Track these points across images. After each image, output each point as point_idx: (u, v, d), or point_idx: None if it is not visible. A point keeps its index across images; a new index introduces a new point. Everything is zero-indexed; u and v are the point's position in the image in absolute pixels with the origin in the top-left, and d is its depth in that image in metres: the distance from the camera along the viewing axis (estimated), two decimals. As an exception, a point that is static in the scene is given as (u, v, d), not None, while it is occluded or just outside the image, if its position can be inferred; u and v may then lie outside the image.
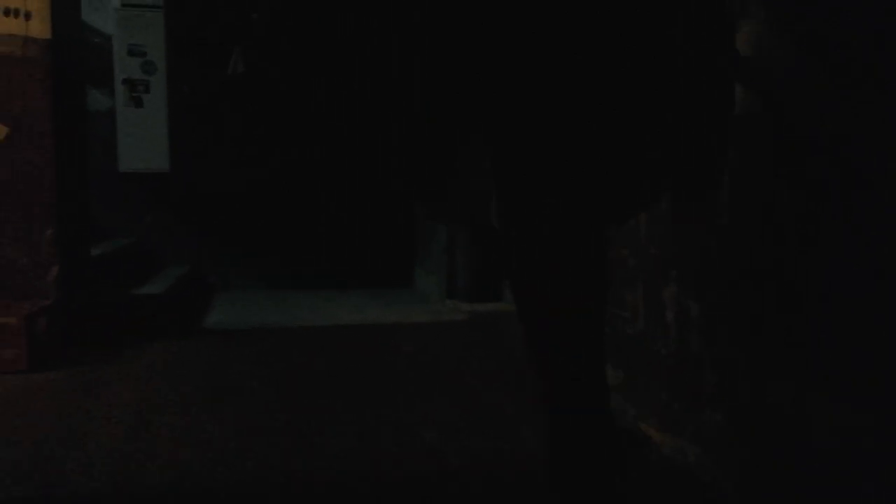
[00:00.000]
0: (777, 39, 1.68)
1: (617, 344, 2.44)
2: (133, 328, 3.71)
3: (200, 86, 5.21)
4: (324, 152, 5.31)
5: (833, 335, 1.49)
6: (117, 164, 5.21)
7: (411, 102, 1.60)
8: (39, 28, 3.28)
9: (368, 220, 5.47)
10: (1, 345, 2.96)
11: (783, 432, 1.64)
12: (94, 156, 5.25)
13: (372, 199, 5.41)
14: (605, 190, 1.49)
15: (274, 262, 5.60)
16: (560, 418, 1.53)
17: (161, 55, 5.14)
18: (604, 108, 1.45)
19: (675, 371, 2.10)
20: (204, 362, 3.24)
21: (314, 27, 1.87)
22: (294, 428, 2.39)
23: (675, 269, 2.11)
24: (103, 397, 2.72)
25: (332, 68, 1.84)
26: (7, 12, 3.25)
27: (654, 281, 2.23)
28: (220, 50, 5.39)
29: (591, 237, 1.51)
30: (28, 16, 3.27)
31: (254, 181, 5.30)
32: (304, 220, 5.56)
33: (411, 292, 5.43)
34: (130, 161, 5.19)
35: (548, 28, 1.45)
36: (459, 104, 1.57)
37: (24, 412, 2.58)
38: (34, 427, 2.41)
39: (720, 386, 1.88)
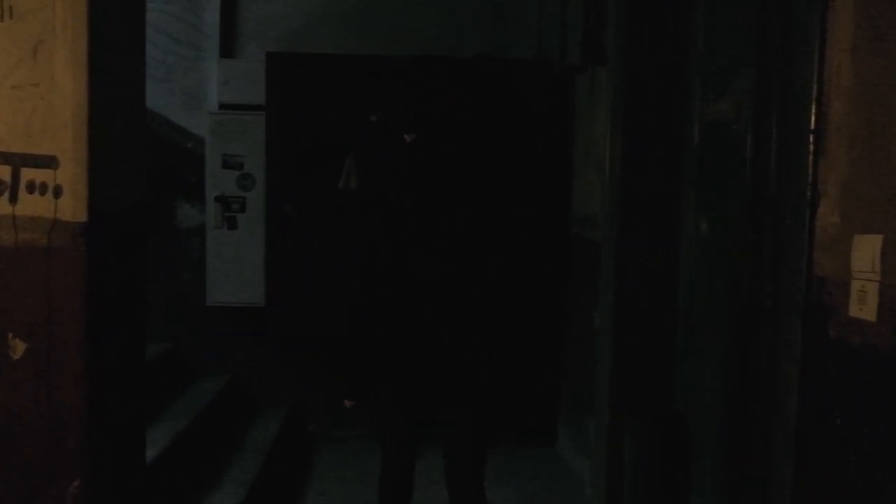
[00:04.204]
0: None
1: None
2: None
3: (304, 203, 4.32)
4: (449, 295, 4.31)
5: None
6: (206, 293, 4.41)
7: None
8: (72, 208, 2.42)
9: (499, 359, 4.42)
10: None
11: None
12: (181, 280, 4.51)
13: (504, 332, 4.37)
14: None
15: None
16: None
17: (260, 167, 4.29)
18: None
19: None
20: None
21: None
22: None
23: None
24: None
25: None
26: (31, 188, 2.42)
27: None
28: (330, 160, 4.53)
29: None
30: (58, 192, 2.42)
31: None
32: (422, 361, 4.57)
33: (552, 461, 4.37)
34: (221, 292, 4.37)
35: None
36: None
37: None
38: None
39: None
